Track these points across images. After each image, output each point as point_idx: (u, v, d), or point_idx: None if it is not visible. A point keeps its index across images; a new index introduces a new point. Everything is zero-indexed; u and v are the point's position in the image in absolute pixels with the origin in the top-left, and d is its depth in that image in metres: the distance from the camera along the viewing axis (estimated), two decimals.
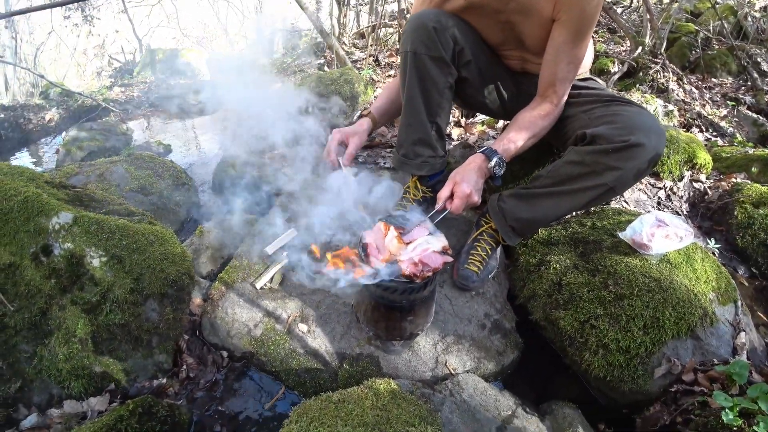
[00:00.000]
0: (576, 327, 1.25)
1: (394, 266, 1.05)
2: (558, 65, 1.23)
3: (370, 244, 1.11)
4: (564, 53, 1.22)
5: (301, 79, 2.75)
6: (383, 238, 1.12)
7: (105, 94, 4.26)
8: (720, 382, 1.12)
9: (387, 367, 1.20)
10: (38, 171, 1.63)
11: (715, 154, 2.25)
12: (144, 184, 1.91)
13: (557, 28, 1.20)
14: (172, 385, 1.23)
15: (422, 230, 1.17)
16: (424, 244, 1.11)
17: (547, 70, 1.26)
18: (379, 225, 1.16)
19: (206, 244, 1.57)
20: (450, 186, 1.25)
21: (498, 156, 1.25)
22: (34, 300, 1.18)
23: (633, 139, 1.10)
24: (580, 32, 1.19)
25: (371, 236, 1.14)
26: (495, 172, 1.27)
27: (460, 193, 1.22)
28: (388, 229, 1.15)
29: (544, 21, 1.22)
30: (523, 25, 1.27)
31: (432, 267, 1.06)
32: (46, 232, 1.20)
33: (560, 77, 1.25)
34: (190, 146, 3.07)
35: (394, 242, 1.11)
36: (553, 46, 1.22)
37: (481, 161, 1.26)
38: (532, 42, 1.31)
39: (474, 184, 1.23)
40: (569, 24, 1.18)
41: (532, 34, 1.28)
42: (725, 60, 3.37)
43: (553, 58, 1.23)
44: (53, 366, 1.13)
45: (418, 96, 1.35)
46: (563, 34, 1.20)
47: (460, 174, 1.25)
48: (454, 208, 1.23)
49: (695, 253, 1.39)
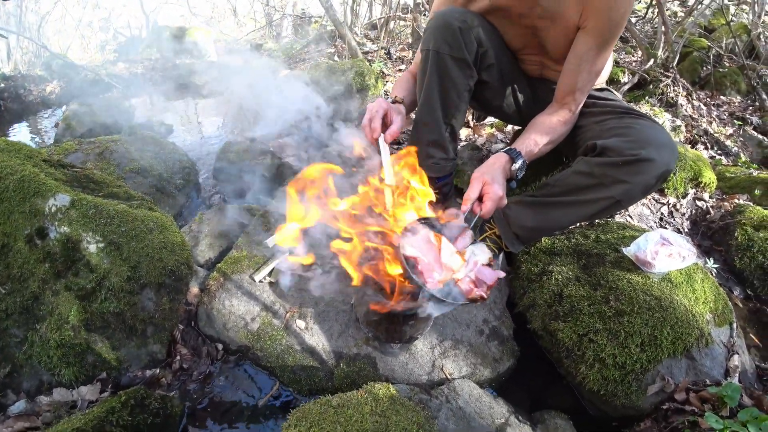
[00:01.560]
0: (574, 339, 1.25)
1: (452, 287, 0.91)
2: (580, 74, 1.21)
3: (420, 260, 0.95)
4: (587, 62, 1.20)
5: (310, 67, 2.72)
6: (437, 252, 0.97)
7: (108, 69, 4.19)
8: (711, 403, 1.12)
9: (384, 368, 1.19)
10: (36, 148, 1.59)
11: (720, 173, 2.25)
12: (144, 166, 1.88)
13: (582, 36, 1.18)
14: (165, 375, 1.21)
15: (466, 239, 1.06)
16: (473, 257, 1.00)
17: (568, 77, 1.24)
18: (425, 234, 1.00)
19: (205, 232, 1.55)
20: (478, 187, 1.13)
21: (523, 159, 1.21)
22: (27, 283, 1.15)
23: (643, 153, 1.09)
24: (605, 42, 1.17)
25: (414, 245, 0.96)
26: (517, 175, 1.22)
27: (493, 194, 1.11)
28: (440, 240, 0.99)
29: (570, 28, 1.20)
30: (547, 31, 1.25)
31: (488, 284, 0.95)
32: (42, 214, 1.17)
33: (580, 85, 1.23)
34: (192, 128, 3.03)
35: (455, 258, 0.97)
36: (576, 54, 1.20)
37: (505, 162, 1.19)
38: (554, 48, 1.29)
39: (503, 186, 1.16)
40: (595, 33, 1.16)
41: (555, 40, 1.26)
42: (735, 78, 3.36)
43: (575, 66, 1.21)
44: (44, 352, 1.12)
45: (436, 96, 1.32)
46: (588, 42, 1.18)
47: (489, 174, 1.15)
48: (486, 212, 1.11)
49: (696, 273, 1.39)
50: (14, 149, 1.34)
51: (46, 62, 4.64)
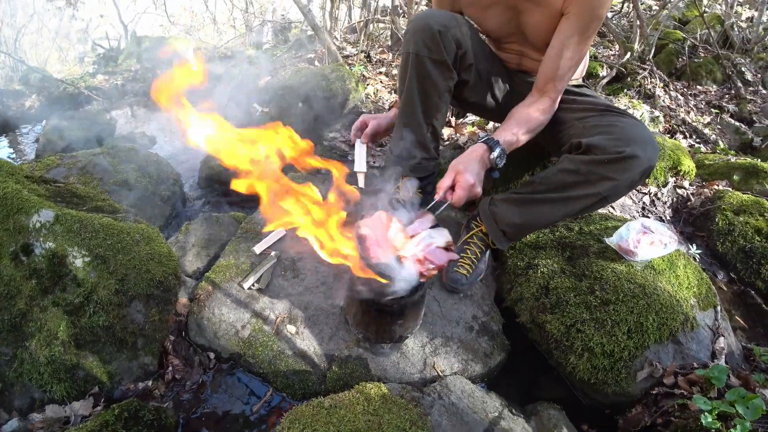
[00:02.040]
0: (562, 331, 1.27)
1: (397, 263, 0.97)
2: (561, 59, 1.23)
3: (368, 236, 1.02)
4: (569, 48, 1.22)
5: (291, 73, 2.71)
6: (385, 230, 1.04)
7: (88, 81, 4.14)
8: (699, 385, 1.15)
9: (376, 369, 1.20)
10: (17, 164, 1.58)
11: (699, 161, 2.30)
12: (128, 178, 1.87)
13: (564, 22, 1.21)
14: (158, 387, 1.20)
15: (425, 223, 1.11)
16: (428, 239, 1.04)
17: (550, 63, 1.26)
18: (379, 215, 1.08)
19: (192, 242, 1.54)
20: (452, 176, 1.21)
21: (500, 147, 1.23)
22: (14, 301, 1.14)
23: (629, 150, 1.11)
24: (587, 28, 1.20)
25: (370, 226, 1.04)
26: (496, 163, 1.25)
27: (464, 183, 1.18)
28: (391, 219, 1.06)
29: (553, 13, 1.22)
30: (530, 14, 1.27)
31: (437, 264, 1.00)
32: (26, 231, 1.16)
33: (561, 72, 1.25)
34: (175, 138, 3.01)
35: (399, 235, 1.03)
36: (559, 39, 1.23)
37: (482, 151, 1.23)
38: (535, 33, 1.31)
39: (477, 175, 1.21)
40: (577, 18, 1.18)
41: (536, 25, 1.28)
42: (711, 68, 3.44)
43: (557, 51, 1.23)
44: (34, 369, 1.10)
45: (416, 97, 1.34)
46: (570, 28, 1.20)
47: (463, 163, 1.21)
48: (456, 200, 1.19)
49: (678, 259, 1.42)
50: None
51: (24, 76, 4.57)
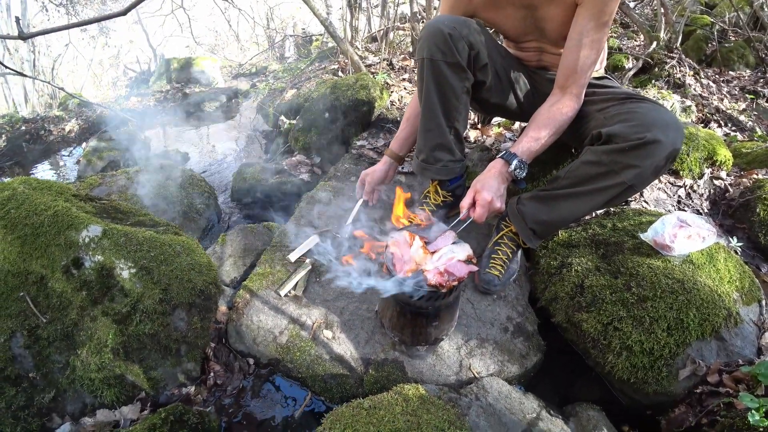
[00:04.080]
0: (599, 329, 1.25)
1: (420, 276, 1.07)
2: (581, 50, 1.23)
3: (395, 253, 1.12)
4: (587, 37, 1.22)
5: (316, 85, 2.78)
6: (408, 248, 1.13)
7: (122, 104, 4.35)
8: (745, 383, 1.11)
9: (412, 371, 1.21)
10: (65, 183, 1.68)
11: (735, 149, 2.21)
12: (165, 194, 1.96)
13: (580, 11, 1.21)
14: (200, 392, 1.25)
15: (447, 239, 1.19)
16: (449, 254, 1.12)
17: (570, 55, 1.25)
18: (404, 235, 1.17)
19: (228, 252, 1.60)
20: (472, 194, 1.26)
21: (517, 159, 1.25)
22: (66, 312, 1.21)
23: (649, 136, 1.09)
24: (603, 14, 1.19)
25: (396, 246, 1.15)
26: (516, 175, 1.27)
27: (482, 201, 1.23)
28: (413, 238, 1.16)
29: (568, 4, 1.23)
30: (545, 9, 1.28)
31: (457, 276, 1.08)
32: (76, 246, 1.24)
33: (581, 64, 1.25)
34: (206, 153, 3.13)
35: (419, 252, 1.12)
36: (577, 29, 1.23)
37: (500, 166, 1.26)
38: (552, 27, 1.32)
39: (495, 191, 1.24)
40: (592, 5, 1.18)
41: (553, 18, 1.29)
42: (742, 52, 3.30)
43: (576, 42, 1.23)
44: (86, 375, 1.17)
45: (436, 101, 1.36)
46: (586, 17, 1.20)
47: (481, 182, 1.26)
48: (477, 217, 1.24)
49: (718, 252, 1.37)
50: (45, 187, 1.41)
51: (63, 102, 4.84)
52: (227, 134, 3.51)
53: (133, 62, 6.74)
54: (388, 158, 1.62)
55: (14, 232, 1.25)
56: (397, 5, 3.47)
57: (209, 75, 5.10)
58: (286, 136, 2.66)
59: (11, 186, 1.36)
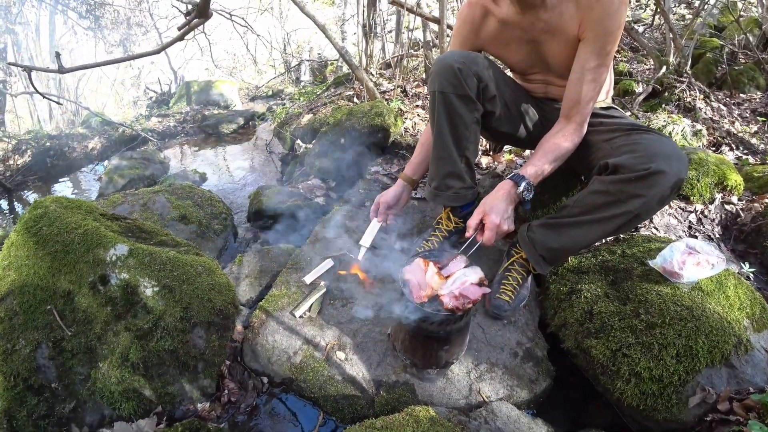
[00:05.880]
0: (608, 355, 1.26)
1: (436, 301, 1.10)
2: (583, 84, 1.28)
3: (411, 280, 1.15)
4: (589, 71, 1.27)
5: (332, 111, 2.86)
6: (423, 274, 1.16)
7: (143, 123, 4.49)
8: (756, 410, 1.10)
9: (422, 394, 1.23)
10: (93, 202, 1.75)
11: (747, 173, 2.22)
12: (184, 213, 2.02)
13: (582, 46, 1.26)
14: (215, 408, 1.29)
15: (458, 263, 1.22)
16: (462, 277, 1.15)
17: (573, 88, 1.30)
18: (418, 261, 1.20)
19: (245, 273, 1.65)
20: (479, 216, 1.28)
21: (526, 181, 1.28)
22: (91, 326, 1.26)
23: (653, 167, 1.13)
24: (604, 49, 1.24)
25: (411, 272, 1.18)
26: (524, 197, 1.29)
27: (490, 224, 1.25)
28: (427, 264, 1.19)
29: (570, 40, 1.28)
30: (549, 45, 1.34)
31: (471, 299, 1.10)
32: (104, 263, 1.30)
33: (584, 95, 1.29)
34: (224, 174, 3.21)
35: (435, 278, 1.15)
36: (579, 64, 1.28)
37: (509, 187, 1.29)
38: (556, 62, 1.37)
39: (503, 213, 1.26)
40: (594, 42, 1.23)
41: (556, 53, 1.34)
42: (752, 74, 3.31)
43: (578, 76, 1.28)
44: (106, 388, 1.21)
45: (447, 132, 1.42)
46: (588, 52, 1.25)
47: (489, 204, 1.28)
48: (486, 240, 1.26)
49: (728, 279, 1.38)
50: (75, 206, 1.49)
51: (86, 120, 5.02)
52: (244, 156, 3.60)
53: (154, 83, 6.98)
54: (402, 182, 1.66)
55: (45, 248, 1.32)
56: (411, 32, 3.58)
57: (227, 97, 5.26)
58: (303, 159, 2.73)
59: (44, 204, 1.43)
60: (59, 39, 8.85)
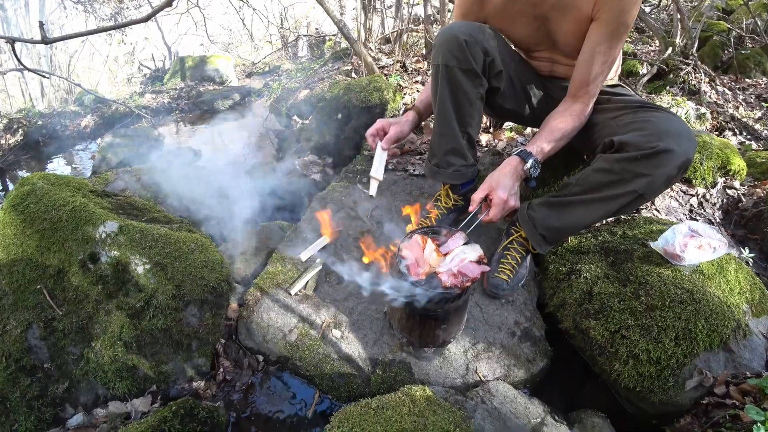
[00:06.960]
0: (606, 337, 1.25)
1: (434, 279, 1.08)
2: (593, 65, 1.23)
3: (408, 257, 1.13)
4: (600, 53, 1.22)
5: (329, 86, 2.79)
6: (421, 251, 1.13)
7: (137, 100, 4.41)
8: (752, 395, 1.10)
9: (419, 373, 1.22)
10: (83, 179, 1.71)
11: (750, 159, 2.19)
12: (177, 191, 1.99)
13: (595, 27, 1.21)
14: (210, 387, 1.28)
15: (457, 240, 1.19)
16: (461, 255, 1.13)
17: (582, 68, 1.26)
18: (415, 238, 1.17)
19: (240, 250, 1.62)
20: (485, 191, 1.24)
21: (533, 158, 1.26)
22: (82, 305, 1.24)
23: (661, 145, 1.09)
24: (617, 31, 1.19)
25: (408, 249, 1.15)
26: (531, 173, 1.27)
27: (497, 200, 1.22)
28: (425, 241, 1.16)
29: (582, 19, 1.22)
30: (559, 22, 1.28)
31: (470, 277, 1.08)
32: (93, 241, 1.27)
33: (594, 77, 1.25)
34: (219, 152, 3.16)
35: (433, 255, 1.13)
36: (590, 44, 1.23)
37: (516, 163, 1.26)
38: (564, 40, 1.32)
39: (510, 189, 1.23)
40: (608, 23, 1.18)
41: (565, 32, 1.29)
42: (759, 59, 3.26)
43: (589, 57, 1.24)
44: (99, 368, 1.20)
45: (449, 107, 1.37)
46: (601, 32, 1.20)
47: (495, 179, 1.24)
48: (492, 216, 1.23)
49: (729, 263, 1.37)
50: (64, 182, 1.45)
51: (79, 98, 4.92)
52: (240, 132, 3.54)
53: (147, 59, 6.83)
54: (413, 113, 1.56)
55: (33, 226, 1.29)
56: (412, 6, 3.48)
57: (223, 73, 5.15)
58: (299, 135, 2.68)
59: (31, 181, 1.39)
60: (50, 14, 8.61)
